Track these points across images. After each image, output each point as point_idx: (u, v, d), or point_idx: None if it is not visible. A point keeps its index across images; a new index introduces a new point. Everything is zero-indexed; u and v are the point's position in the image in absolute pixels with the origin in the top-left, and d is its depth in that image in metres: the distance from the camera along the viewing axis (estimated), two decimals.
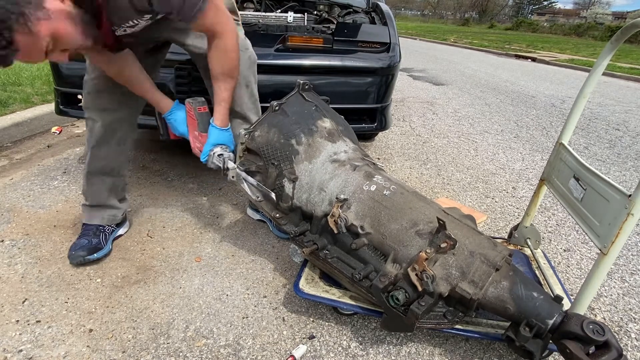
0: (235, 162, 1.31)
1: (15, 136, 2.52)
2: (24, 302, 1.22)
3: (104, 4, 1.01)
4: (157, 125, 1.42)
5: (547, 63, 10.13)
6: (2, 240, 1.51)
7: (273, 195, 1.23)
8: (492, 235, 1.69)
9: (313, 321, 1.22)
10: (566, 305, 1.02)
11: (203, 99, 1.35)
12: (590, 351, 0.89)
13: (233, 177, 1.30)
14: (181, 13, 1.10)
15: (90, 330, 1.14)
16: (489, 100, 4.82)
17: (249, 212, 1.80)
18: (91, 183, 1.47)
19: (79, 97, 1.97)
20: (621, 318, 1.32)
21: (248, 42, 1.46)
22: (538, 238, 1.45)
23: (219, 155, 1.30)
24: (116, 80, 1.31)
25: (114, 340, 1.11)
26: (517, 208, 2.05)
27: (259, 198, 1.30)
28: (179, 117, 1.34)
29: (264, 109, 1.32)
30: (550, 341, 0.96)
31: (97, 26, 1.03)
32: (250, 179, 1.26)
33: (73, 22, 0.94)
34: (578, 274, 1.54)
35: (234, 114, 1.48)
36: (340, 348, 1.13)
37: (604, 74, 1.21)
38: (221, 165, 1.30)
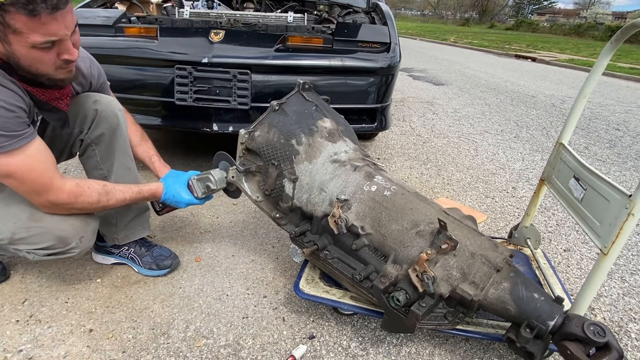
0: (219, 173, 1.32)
1: None
2: (24, 302, 1.22)
3: None
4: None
5: (547, 63, 10.13)
6: None
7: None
8: (492, 235, 1.69)
9: (313, 321, 1.22)
10: (566, 305, 1.02)
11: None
12: (591, 352, 0.89)
13: (233, 177, 1.30)
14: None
15: (90, 330, 1.13)
16: (489, 100, 4.82)
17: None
18: None
19: None
20: (621, 318, 1.32)
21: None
22: (538, 238, 1.45)
23: (197, 180, 1.30)
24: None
25: (114, 340, 1.11)
26: (517, 208, 2.05)
27: (259, 198, 1.30)
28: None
29: (264, 109, 1.32)
30: (551, 342, 0.96)
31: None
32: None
33: None
34: (578, 274, 1.54)
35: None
36: (340, 348, 1.13)
37: (604, 74, 1.21)
38: (210, 181, 1.30)
